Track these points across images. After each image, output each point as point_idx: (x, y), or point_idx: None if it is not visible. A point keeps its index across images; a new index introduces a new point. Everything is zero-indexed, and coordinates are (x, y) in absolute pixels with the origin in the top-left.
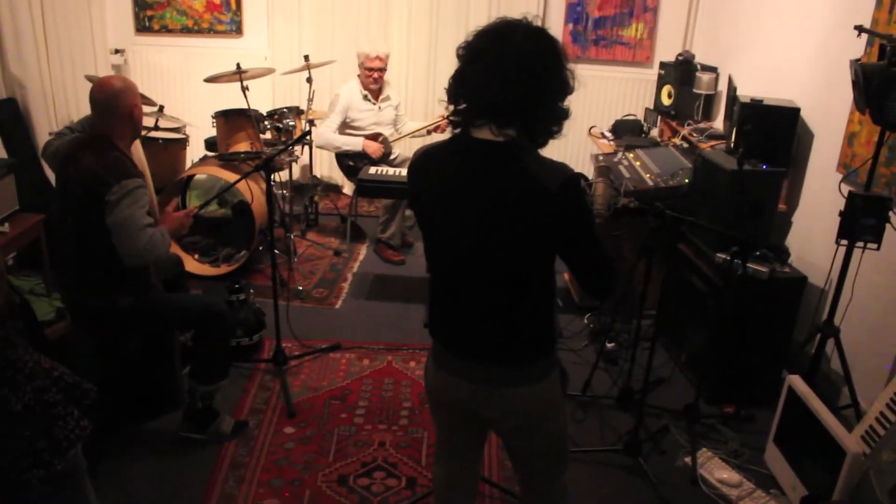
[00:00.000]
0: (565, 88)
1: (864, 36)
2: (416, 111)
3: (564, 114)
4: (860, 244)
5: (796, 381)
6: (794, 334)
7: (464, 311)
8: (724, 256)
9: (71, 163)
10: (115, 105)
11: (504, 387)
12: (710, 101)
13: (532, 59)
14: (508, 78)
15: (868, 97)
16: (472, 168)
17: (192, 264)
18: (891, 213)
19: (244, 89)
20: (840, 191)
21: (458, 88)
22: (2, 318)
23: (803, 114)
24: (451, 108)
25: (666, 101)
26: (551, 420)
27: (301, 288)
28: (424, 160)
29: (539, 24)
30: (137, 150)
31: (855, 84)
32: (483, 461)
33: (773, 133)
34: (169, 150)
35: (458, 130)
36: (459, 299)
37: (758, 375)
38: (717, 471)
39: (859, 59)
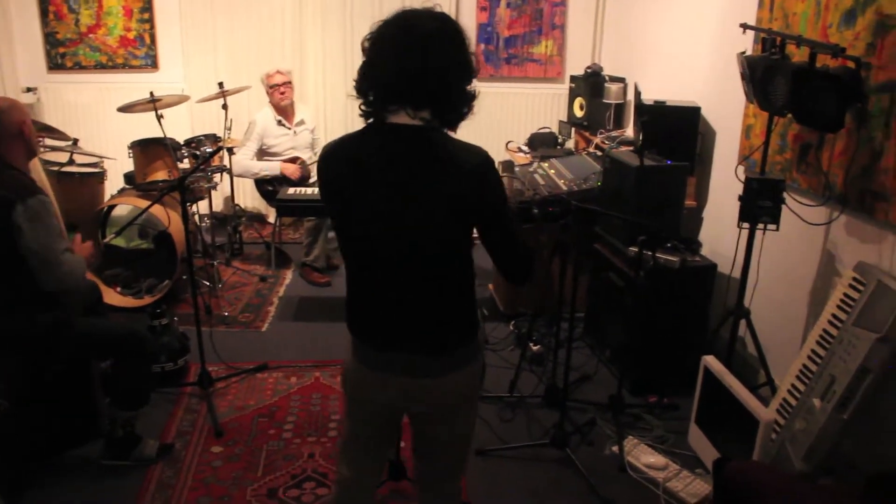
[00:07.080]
0: (471, 70)
1: (751, 33)
2: (336, 132)
3: (472, 95)
4: (760, 226)
5: (711, 361)
6: (710, 322)
7: (387, 300)
8: (635, 249)
9: None
10: (2, 124)
11: (432, 375)
12: (620, 110)
13: (439, 40)
14: (419, 59)
15: (754, 86)
16: (389, 151)
17: (115, 297)
18: (786, 195)
19: (159, 118)
20: (738, 178)
21: (368, 79)
22: None
23: (704, 112)
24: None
25: (578, 113)
26: (471, 409)
27: (227, 314)
28: (337, 150)
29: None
30: (38, 171)
31: (743, 76)
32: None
33: (677, 132)
34: (86, 184)
35: (370, 121)
36: (381, 289)
37: (677, 364)
38: (644, 456)
39: (744, 52)
